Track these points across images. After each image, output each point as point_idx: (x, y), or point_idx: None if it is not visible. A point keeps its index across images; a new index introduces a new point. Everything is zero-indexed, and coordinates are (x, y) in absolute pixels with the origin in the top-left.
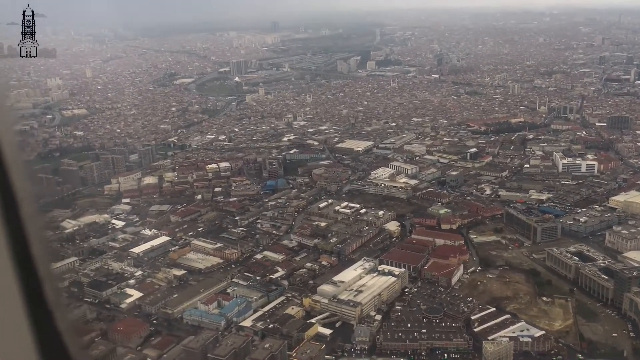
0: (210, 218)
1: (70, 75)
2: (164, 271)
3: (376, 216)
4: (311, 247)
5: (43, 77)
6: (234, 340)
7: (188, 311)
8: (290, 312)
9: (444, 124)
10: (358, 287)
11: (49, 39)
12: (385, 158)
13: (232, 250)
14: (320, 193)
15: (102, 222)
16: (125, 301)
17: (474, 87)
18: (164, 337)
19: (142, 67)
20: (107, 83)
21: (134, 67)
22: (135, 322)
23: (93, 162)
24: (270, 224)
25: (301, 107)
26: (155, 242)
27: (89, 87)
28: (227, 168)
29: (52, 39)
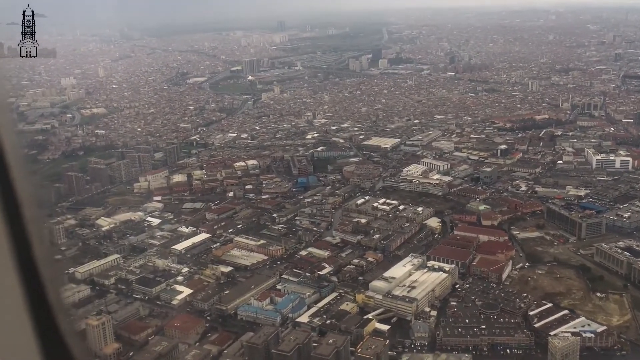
0: (247, 215)
1: (82, 74)
2: (211, 268)
3: (415, 213)
4: (354, 244)
5: (54, 76)
6: (296, 335)
7: (242, 307)
8: (345, 308)
9: (468, 121)
10: (410, 283)
11: (54, 39)
12: (414, 155)
13: (277, 247)
14: (354, 190)
15: (137, 219)
16: (176, 298)
17: (490, 84)
18: (221, 333)
19: (153, 66)
20: (121, 82)
21: (145, 67)
22: (191, 318)
23: (120, 161)
24: (309, 221)
25: (319, 105)
26: (196, 239)
27: (104, 87)
28: (255, 166)
29: (58, 39)
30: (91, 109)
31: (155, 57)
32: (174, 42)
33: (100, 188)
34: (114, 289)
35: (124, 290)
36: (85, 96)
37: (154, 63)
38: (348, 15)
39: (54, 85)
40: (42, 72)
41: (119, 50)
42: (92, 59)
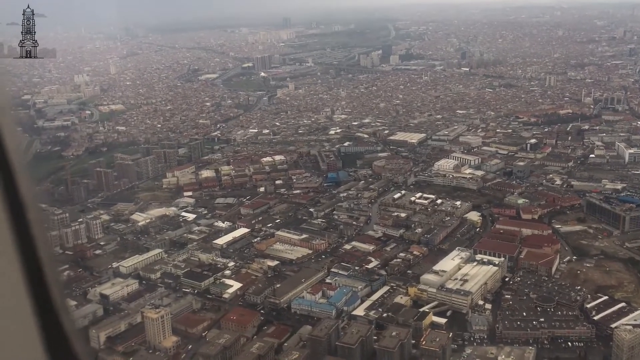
0: (282, 210)
1: (93, 72)
2: (258, 262)
3: (454, 207)
4: (397, 238)
5: (64, 73)
6: (358, 328)
7: (296, 300)
8: (399, 301)
9: (491, 116)
10: (462, 277)
11: (60, 37)
12: (442, 150)
13: (320, 241)
14: (388, 184)
15: (171, 214)
16: (227, 291)
17: (506, 79)
18: (277, 326)
19: (163, 63)
20: (134, 79)
21: (155, 64)
22: (246, 311)
23: (147, 157)
24: (347, 215)
25: (336, 101)
26: (236, 233)
27: (118, 84)
28: (282, 161)
29: (64, 37)
30: (109, 105)
31: (164, 54)
32: (180, 39)
33: (128, 184)
34: (161, 283)
35: (172, 284)
36: (101, 93)
37: (163, 60)
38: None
39: (66, 83)
40: (52, 70)
41: (125, 47)
42: (100, 56)
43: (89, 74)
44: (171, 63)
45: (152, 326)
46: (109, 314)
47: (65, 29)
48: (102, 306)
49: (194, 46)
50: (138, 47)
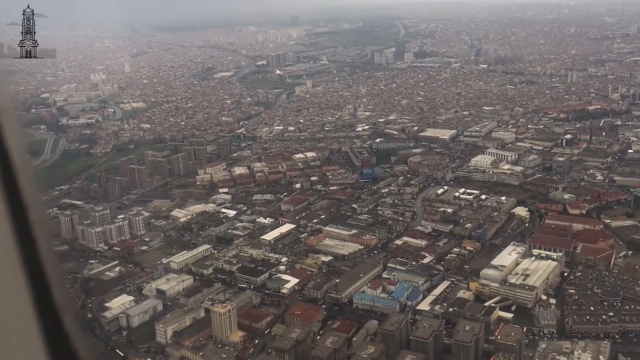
0: (324, 206)
1: (105, 70)
2: (312, 257)
3: (499, 202)
4: (447, 233)
5: (77, 72)
6: (429, 323)
7: (358, 295)
8: (462, 296)
9: (519, 112)
10: (522, 271)
11: (67, 36)
12: (476, 146)
13: (370, 236)
14: (427, 180)
15: (211, 211)
16: (284, 286)
17: (526, 76)
18: (342, 321)
19: (176, 61)
20: (151, 77)
21: (168, 62)
22: (309, 306)
23: (177, 154)
24: (391, 211)
25: (357, 98)
26: (282, 229)
27: (134, 82)
28: (314, 158)
29: (70, 36)
30: (130, 103)
31: (174, 53)
32: (188, 38)
33: (161, 181)
34: (215, 278)
35: (226, 279)
36: (119, 91)
37: (176, 58)
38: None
39: (82, 81)
40: (65, 68)
41: (134, 46)
42: (111, 55)
43: (104, 73)
44: (185, 61)
45: (219, 321)
46: (169, 309)
47: (71, 28)
48: (161, 301)
49: (203, 45)
50: (147, 46)
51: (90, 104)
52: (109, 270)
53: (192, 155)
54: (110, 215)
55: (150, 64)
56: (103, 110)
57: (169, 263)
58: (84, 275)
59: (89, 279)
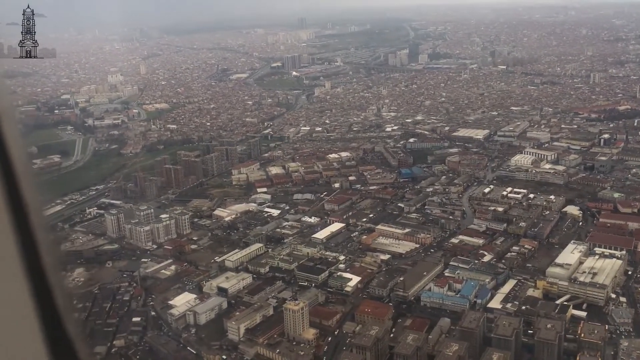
0: (368, 205)
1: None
2: (371, 255)
3: (548, 201)
4: (501, 232)
5: (91, 74)
6: (509, 321)
7: (425, 293)
8: (531, 294)
9: (549, 112)
10: (589, 270)
11: (75, 38)
12: (512, 145)
13: (425, 234)
14: (470, 179)
15: (254, 210)
16: (348, 285)
17: (547, 77)
18: (414, 318)
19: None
20: (168, 79)
21: (183, 64)
22: (378, 304)
23: (210, 154)
24: (440, 210)
25: (379, 99)
26: (332, 228)
27: (153, 83)
28: (349, 157)
29: (78, 38)
30: (153, 104)
31: (186, 55)
32: (196, 40)
33: (196, 181)
34: (272, 276)
35: (285, 277)
36: (139, 92)
37: (189, 60)
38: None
39: (97, 82)
40: (79, 70)
41: (145, 48)
42: (122, 56)
43: (122, 74)
44: (199, 63)
45: (292, 318)
46: (233, 307)
47: (78, 31)
48: (225, 299)
49: (213, 47)
50: (158, 48)
51: (113, 105)
52: (164, 268)
53: (224, 156)
54: (154, 214)
55: (164, 65)
56: (127, 111)
57: (223, 261)
58: (140, 273)
59: (146, 277)
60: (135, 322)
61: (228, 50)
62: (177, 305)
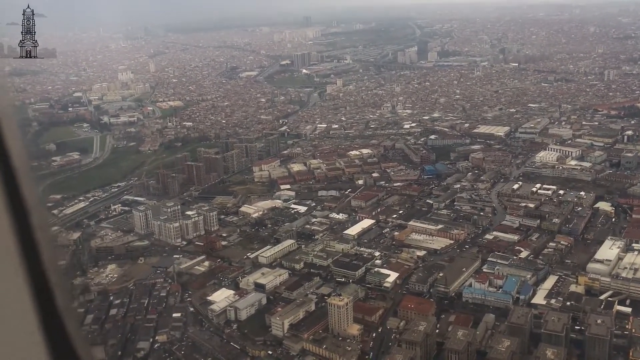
0: (395, 202)
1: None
2: (407, 251)
3: (578, 197)
4: (534, 228)
5: (99, 72)
6: (558, 316)
7: (467, 289)
8: (574, 290)
9: (568, 109)
10: (630, 265)
11: (80, 37)
12: (534, 142)
13: (459, 230)
14: (496, 176)
15: (281, 207)
16: (386, 280)
17: (560, 74)
18: (457, 314)
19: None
20: (179, 77)
21: (191, 62)
22: (420, 300)
23: (230, 151)
24: (470, 206)
25: (392, 97)
26: (363, 224)
27: (164, 81)
28: (370, 154)
29: (83, 37)
30: (167, 102)
31: (193, 53)
32: (202, 39)
33: (217, 178)
34: (308, 272)
35: (321, 273)
36: (150, 90)
37: (196, 58)
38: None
39: (105, 80)
40: (87, 68)
41: (151, 46)
42: (129, 55)
43: (132, 72)
44: (208, 61)
45: (336, 313)
46: (272, 303)
47: (83, 30)
48: (265, 295)
49: (220, 45)
50: (163, 46)
51: (126, 102)
52: (198, 264)
53: (243, 153)
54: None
55: (173, 63)
56: (142, 108)
57: (256, 257)
58: (175, 269)
59: (181, 274)
60: (175, 318)
61: (235, 48)
62: (216, 301)
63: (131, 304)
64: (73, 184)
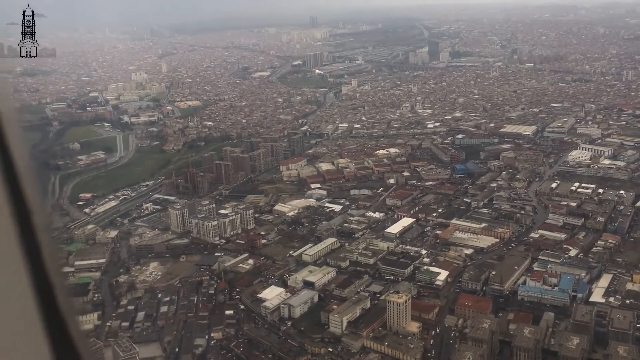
0: (431, 200)
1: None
2: (455, 249)
3: (619, 196)
4: (579, 226)
5: (111, 72)
6: (622, 314)
7: (522, 287)
8: (632, 288)
9: (592, 109)
10: None
11: (86, 37)
12: (563, 141)
13: (504, 229)
14: (531, 175)
15: (315, 206)
16: (437, 278)
17: (577, 74)
18: (516, 312)
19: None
20: (193, 77)
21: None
22: (476, 298)
23: (259, 150)
24: (509, 205)
25: (410, 97)
26: (404, 222)
27: (178, 81)
28: (398, 154)
29: (88, 38)
30: (185, 101)
31: (201, 54)
32: (209, 39)
33: (245, 177)
34: (353, 271)
35: (368, 271)
36: (166, 90)
37: (206, 58)
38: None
39: (118, 80)
40: (98, 69)
41: (159, 47)
42: (138, 55)
43: (146, 72)
44: (220, 61)
45: (395, 311)
46: (323, 300)
47: (89, 30)
48: (317, 292)
49: (227, 45)
50: (171, 47)
51: (143, 102)
52: (242, 262)
53: (269, 152)
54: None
55: (184, 64)
56: (162, 108)
57: (300, 255)
58: (220, 267)
59: (226, 271)
60: (228, 315)
61: (244, 49)
62: (268, 299)
63: (180, 301)
64: (101, 183)
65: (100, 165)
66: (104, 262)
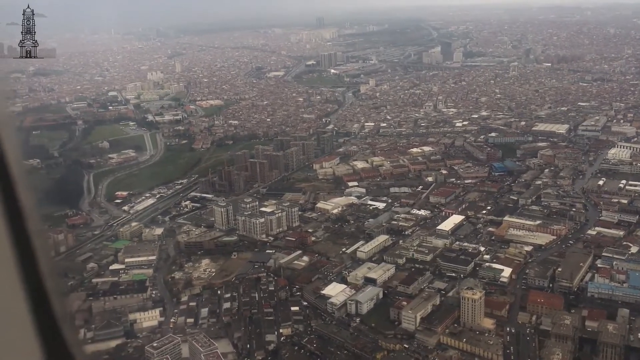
0: (477, 198)
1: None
2: (515, 246)
3: None
4: (635, 223)
5: (123, 71)
6: None
7: (592, 284)
8: None
9: (621, 108)
10: None
11: (91, 38)
12: (598, 139)
13: (561, 226)
14: (574, 173)
15: (357, 203)
16: (502, 275)
17: (596, 74)
18: (589, 309)
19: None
20: (209, 76)
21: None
22: (547, 295)
23: (291, 149)
24: (558, 202)
25: (431, 96)
26: (454, 220)
27: (195, 81)
28: (433, 152)
29: (94, 39)
30: (206, 100)
31: (211, 54)
32: (216, 40)
33: (279, 175)
34: (410, 267)
35: (428, 268)
36: (185, 89)
37: (217, 59)
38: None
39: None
40: (109, 69)
41: (167, 47)
42: (148, 55)
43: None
44: (233, 61)
45: (470, 307)
46: (387, 297)
47: (93, 31)
48: (381, 289)
49: (236, 46)
50: (180, 47)
51: (165, 101)
52: (297, 259)
53: (300, 151)
54: (258, 207)
55: (197, 64)
56: (185, 107)
57: (354, 252)
58: (275, 264)
59: (282, 268)
60: (295, 312)
61: (253, 49)
62: (332, 295)
63: (242, 297)
64: (135, 181)
65: (132, 163)
66: (154, 259)
